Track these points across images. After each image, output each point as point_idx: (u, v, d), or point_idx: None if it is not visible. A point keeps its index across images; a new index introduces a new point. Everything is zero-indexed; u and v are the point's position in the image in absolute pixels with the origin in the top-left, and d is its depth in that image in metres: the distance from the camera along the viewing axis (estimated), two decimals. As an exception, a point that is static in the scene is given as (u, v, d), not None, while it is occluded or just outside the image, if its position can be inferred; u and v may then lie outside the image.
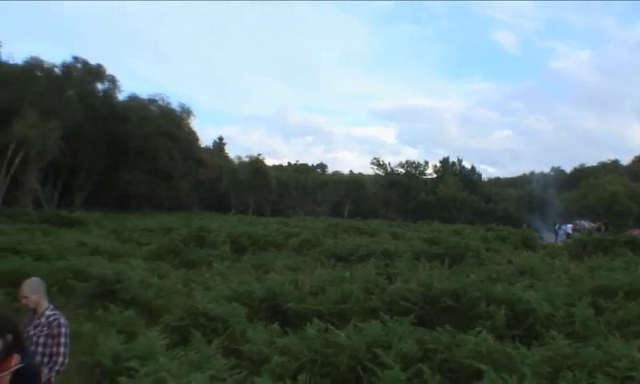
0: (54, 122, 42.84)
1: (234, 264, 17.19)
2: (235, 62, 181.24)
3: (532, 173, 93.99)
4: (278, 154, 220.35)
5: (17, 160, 41.44)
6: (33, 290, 5.37)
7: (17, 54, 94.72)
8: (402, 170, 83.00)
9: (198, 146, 73.73)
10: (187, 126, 69.82)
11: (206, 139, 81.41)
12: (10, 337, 3.77)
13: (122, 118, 59.05)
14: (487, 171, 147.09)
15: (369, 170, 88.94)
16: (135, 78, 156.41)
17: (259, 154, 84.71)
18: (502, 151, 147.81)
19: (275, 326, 9.06)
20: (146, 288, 12.08)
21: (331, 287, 11.40)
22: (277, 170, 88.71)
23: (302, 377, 6.49)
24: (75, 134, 50.03)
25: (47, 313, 5.36)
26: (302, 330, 8.50)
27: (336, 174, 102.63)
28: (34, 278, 5.64)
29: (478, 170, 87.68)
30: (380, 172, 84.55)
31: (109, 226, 31.42)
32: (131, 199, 59.99)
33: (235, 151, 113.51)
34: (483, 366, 6.29)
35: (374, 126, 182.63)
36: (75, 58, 59.20)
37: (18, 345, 3.85)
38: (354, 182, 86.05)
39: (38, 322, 5.33)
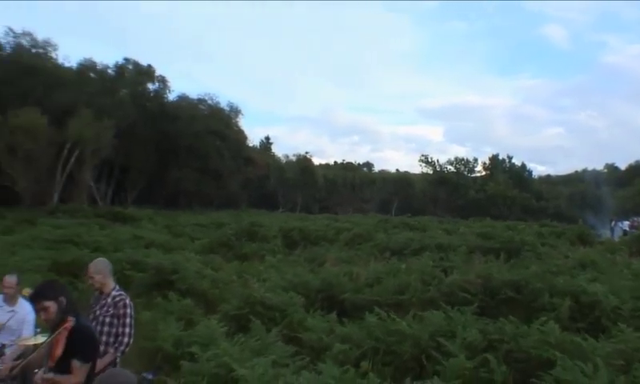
0: (107, 121, 43.85)
1: (286, 258, 17.17)
2: (282, 62, 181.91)
3: (584, 170, 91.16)
4: (325, 153, 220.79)
5: (72, 159, 42.55)
6: (98, 270, 5.36)
7: (71, 56, 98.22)
8: (450, 168, 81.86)
9: (247, 145, 74.36)
10: (236, 124, 70.54)
11: (252, 139, 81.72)
12: (63, 300, 3.97)
13: (173, 118, 60.00)
14: (537, 170, 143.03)
15: (415, 168, 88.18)
16: (183, 79, 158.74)
17: (306, 152, 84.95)
18: (552, 149, 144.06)
19: (333, 315, 8.95)
20: (202, 279, 12.17)
21: (387, 279, 11.28)
22: (323, 169, 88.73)
23: (364, 363, 6.36)
24: (127, 133, 51.12)
25: (113, 293, 5.34)
26: (360, 320, 8.40)
27: (383, 172, 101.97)
28: (99, 259, 5.64)
29: (528, 167, 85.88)
30: (428, 169, 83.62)
31: (161, 221, 31.96)
32: (181, 197, 60.93)
33: (282, 151, 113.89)
34: (557, 353, 6.02)
35: (421, 124, 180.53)
36: (126, 60, 60.58)
37: (71, 308, 4.03)
38: (401, 180, 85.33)
39: (103, 302, 5.33)
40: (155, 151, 57.42)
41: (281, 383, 5.33)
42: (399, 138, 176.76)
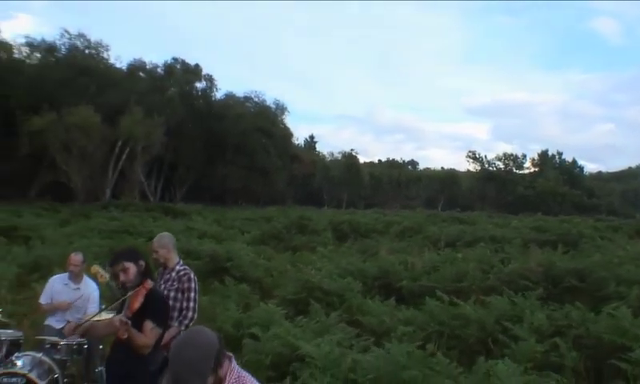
0: (157, 118, 44.67)
1: (337, 249, 17.04)
2: (326, 61, 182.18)
3: (638, 167, 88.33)
4: (369, 152, 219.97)
5: (124, 155, 43.52)
6: (163, 244, 5.34)
7: (122, 56, 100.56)
8: (499, 163, 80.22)
9: (292, 143, 74.68)
10: (282, 122, 70.95)
11: (296, 138, 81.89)
12: (142, 264, 4.04)
13: (220, 116, 60.71)
14: (587, 167, 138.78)
15: (461, 167, 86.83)
16: (229, 78, 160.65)
17: (352, 149, 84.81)
18: (603, 145, 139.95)
19: (391, 301, 8.79)
20: (255, 267, 12.19)
21: (444, 267, 11.08)
22: (368, 167, 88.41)
23: (430, 346, 6.18)
24: (176, 131, 51.95)
25: (177, 268, 5.31)
26: (420, 306, 8.23)
27: (428, 170, 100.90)
28: (164, 233, 5.61)
29: (578, 163, 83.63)
30: (476, 165, 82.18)
31: (210, 216, 32.27)
32: (227, 195, 61.56)
33: (326, 150, 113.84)
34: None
35: (466, 122, 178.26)
36: (175, 59, 61.59)
37: (149, 272, 4.10)
38: (448, 177, 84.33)
39: (168, 276, 5.30)
40: (203, 149, 58.18)
41: (349, 360, 5.19)
42: (444, 136, 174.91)
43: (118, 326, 3.62)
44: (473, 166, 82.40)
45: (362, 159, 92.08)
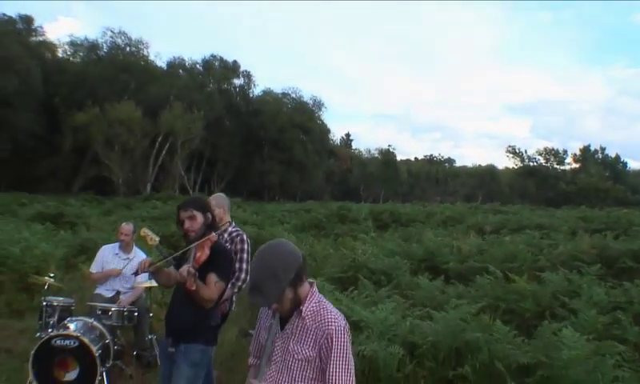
0: (197, 113, 45.18)
1: (379, 237, 16.83)
2: (362, 60, 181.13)
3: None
4: (405, 151, 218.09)
5: (164, 149, 44.12)
6: (218, 203, 5.23)
7: (162, 53, 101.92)
8: (539, 158, 78.43)
9: (330, 138, 74.61)
10: (319, 118, 70.86)
11: (333, 135, 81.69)
12: (209, 216, 3.93)
13: (257, 112, 61.04)
14: (630, 164, 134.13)
15: (500, 163, 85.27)
16: (265, 77, 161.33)
17: (389, 146, 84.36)
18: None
19: (440, 279, 8.59)
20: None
21: (492, 249, 10.83)
22: (405, 165, 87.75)
23: (484, 316, 5.98)
24: (215, 126, 52.41)
25: (230, 229, 5.20)
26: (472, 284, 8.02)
27: (465, 168, 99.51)
28: (219, 193, 5.55)
29: (621, 159, 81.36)
30: (515, 160, 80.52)
31: (250, 209, 32.35)
32: (265, 190, 61.86)
33: (362, 148, 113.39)
34: None
35: (505, 120, 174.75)
36: (213, 56, 62.10)
37: (215, 225, 3.98)
38: (487, 173, 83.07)
39: (221, 238, 5.21)
40: (241, 144, 58.54)
41: (407, 324, 5.03)
42: (482, 134, 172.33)
43: (185, 277, 3.52)
44: (512, 162, 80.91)
45: (398, 157, 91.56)
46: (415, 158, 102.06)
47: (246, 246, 5.16)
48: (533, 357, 4.57)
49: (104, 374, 5.72)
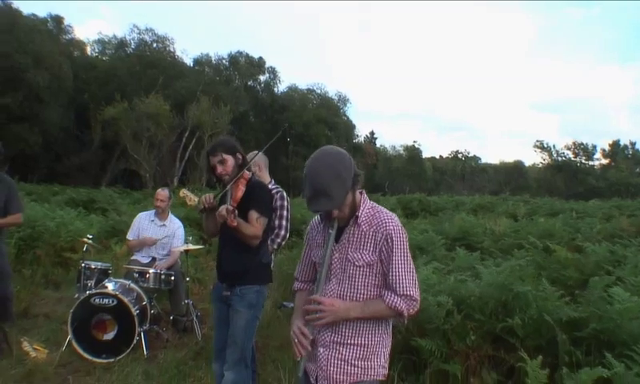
0: (223, 108, 45.41)
1: (409, 222, 16.66)
2: (386, 58, 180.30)
3: None
4: (429, 149, 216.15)
5: (192, 143, 44.43)
6: (256, 162, 5.18)
7: (188, 49, 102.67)
8: (568, 153, 77.03)
9: (355, 134, 74.45)
10: (344, 114, 70.71)
11: (357, 132, 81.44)
12: (240, 156, 3.93)
13: (282, 108, 61.16)
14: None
15: (527, 161, 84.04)
16: (290, 73, 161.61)
17: (414, 141, 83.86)
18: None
19: (477, 254, 8.42)
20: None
21: (528, 228, 10.62)
22: (430, 161, 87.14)
23: (533, 270, 5.84)
24: (241, 122, 52.62)
25: (269, 186, 5.15)
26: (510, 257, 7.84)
27: (491, 165, 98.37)
28: (257, 151, 5.49)
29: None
30: (543, 155, 79.24)
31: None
32: (291, 185, 61.89)
33: (387, 145, 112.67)
34: None
35: (532, 118, 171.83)
36: (239, 52, 62.32)
37: (247, 163, 3.97)
38: (514, 169, 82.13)
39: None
40: (266, 140, 58.56)
41: (452, 279, 4.91)
42: (508, 132, 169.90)
43: (224, 215, 3.46)
44: (540, 157, 79.77)
45: (424, 155, 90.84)
46: (440, 156, 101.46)
47: (285, 203, 5.12)
48: (584, 311, 4.43)
49: (142, 334, 5.71)
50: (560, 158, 76.76)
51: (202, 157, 42.04)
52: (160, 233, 6.82)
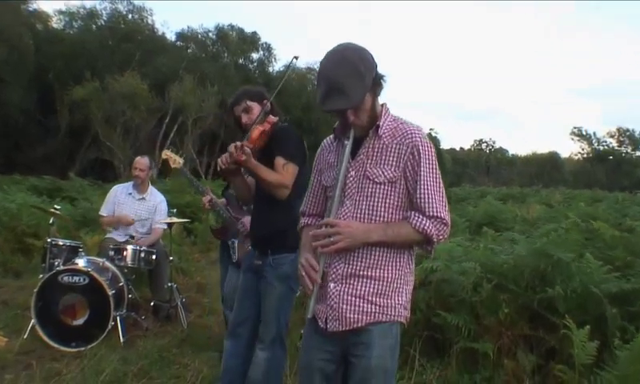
0: (210, 88, 45.17)
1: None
2: (398, 38, 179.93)
3: None
4: (447, 141, 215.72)
5: (174, 129, 44.16)
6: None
7: (169, 22, 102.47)
8: (611, 141, 76.43)
9: (364, 119, 74.38)
10: (347, 98, 70.53)
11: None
12: (268, 104, 3.92)
13: (279, 89, 60.89)
14: None
15: (563, 151, 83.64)
16: (287, 51, 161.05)
17: (431, 129, 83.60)
18: None
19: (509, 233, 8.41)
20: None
21: (566, 211, 10.63)
22: (451, 153, 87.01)
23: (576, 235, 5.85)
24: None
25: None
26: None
27: (520, 157, 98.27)
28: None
29: None
30: (582, 145, 78.79)
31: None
32: (290, 177, 61.88)
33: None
34: None
35: (570, 105, 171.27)
36: (231, 26, 61.98)
37: (274, 109, 3.95)
38: (547, 161, 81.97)
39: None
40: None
41: (482, 246, 4.88)
42: (545, 120, 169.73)
43: (232, 152, 3.37)
44: (578, 145, 79.42)
45: (446, 146, 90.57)
46: (461, 148, 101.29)
47: None
48: (637, 282, 4.40)
49: (117, 319, 5.67)
50: (601, 147, 76.44)
51: (186, 145, 41.92)
52: (139, 208, 6.78)
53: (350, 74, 2.23)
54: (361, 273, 2.35)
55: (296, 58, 4.16)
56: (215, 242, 12.15)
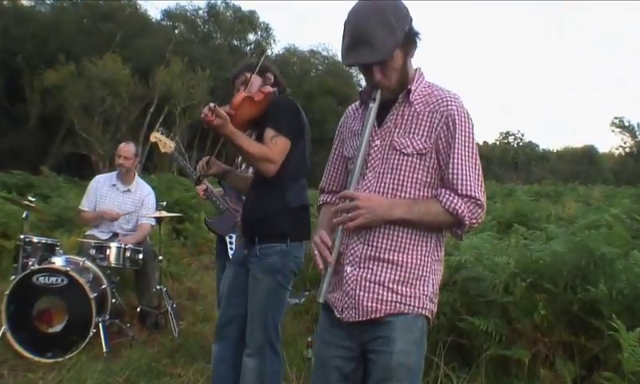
0: (201, 73, 45.10)
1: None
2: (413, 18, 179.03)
3: None
4: (479, 133, 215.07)
5: (160, 119, 44.02)
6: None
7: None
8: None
9: (371, 109, 74.25)
10: (358, 83, 70.28)
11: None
12: (271, 76, 3.91)
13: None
14: None
15: (602, 146, 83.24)
16: (287, 33, 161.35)
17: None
18: None
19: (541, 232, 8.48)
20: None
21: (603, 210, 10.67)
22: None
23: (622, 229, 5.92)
24: (224, 92, 52.33)
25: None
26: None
27: (552, 152, 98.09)
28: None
29: None
30: (624, 137, 78.37)
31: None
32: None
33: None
34: None
35: (608, 93, 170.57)
36: (225, 4, 61.88)
37: (279, 86, 3.95)
38: (584, 156, 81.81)
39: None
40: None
41: (513, 240, 4.88)
42: (575, 112, 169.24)
43: (206, 112, 3.35)
44: (620, 138, 79.04)
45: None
46: (485, 142, 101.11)
47: None
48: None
49: (100, 326, 5.67)
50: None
51: (173, 136, 41.81)
52: (124, 201, 6.80)
53: (379, 24, 2.19)
54: (381, 256, 2.31)
55: (264, 50, 4.17)
56: (208, 245, 12.24)
